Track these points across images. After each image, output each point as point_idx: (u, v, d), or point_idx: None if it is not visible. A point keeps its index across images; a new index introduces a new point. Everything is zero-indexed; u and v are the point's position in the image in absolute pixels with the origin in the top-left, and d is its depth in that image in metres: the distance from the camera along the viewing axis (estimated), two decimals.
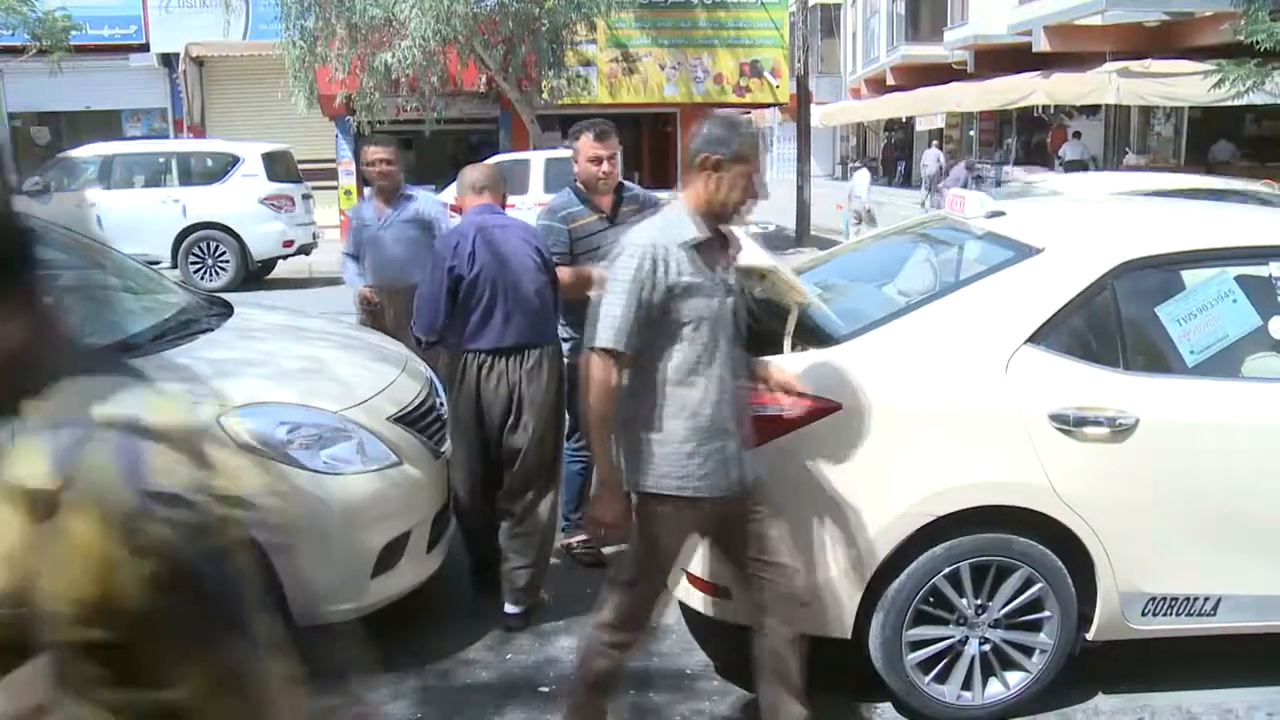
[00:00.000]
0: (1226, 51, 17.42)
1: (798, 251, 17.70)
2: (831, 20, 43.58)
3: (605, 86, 19.79)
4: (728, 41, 20.27)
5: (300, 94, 17.30)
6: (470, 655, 4.34)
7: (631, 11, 19.12)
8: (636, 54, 19.88)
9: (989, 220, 4.38)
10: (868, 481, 3.62)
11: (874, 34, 37.18)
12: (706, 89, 20.40)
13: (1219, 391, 3.85)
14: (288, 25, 16.78)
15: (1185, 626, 3.90)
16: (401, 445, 4.20)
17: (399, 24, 15.86)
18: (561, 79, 17.90)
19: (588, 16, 17.32)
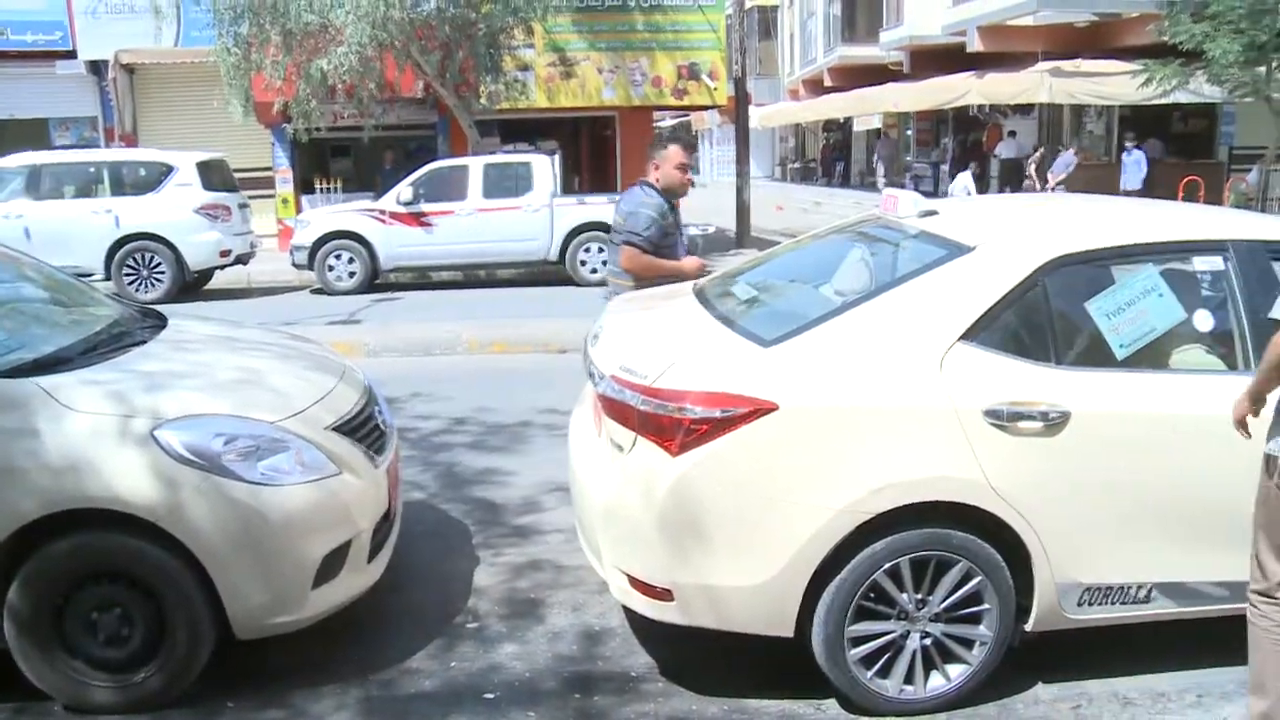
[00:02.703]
0: (1153, 52, 17.81)
1: (738, 253, 17.81)
2: (769, 22, 43.80)
3: (543, 90, 19.75)
4: (665, 44, 20.31)
5: (235, 102, 17.14)
6: (414, 664, 4.31)
7: (568, 15, 19.13)
8: (574, 58, 19.86)
9: (922, 219, 4.43)
10: (806, 481, 3.65)
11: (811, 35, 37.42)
12: (645, 92, 20.43)
13: (1148, 383, 3.92)
14: (221, 32, 16.58)
15: (1120, 615, 3.98)
16: (341, 454, 4.16)
17: (335, 30, 15.75)
18: (499, 84, 17.85)
19: (524, 21, 17.31)
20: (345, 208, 16.48)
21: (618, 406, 3.87)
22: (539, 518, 5.85)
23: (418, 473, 6.57)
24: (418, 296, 15.31)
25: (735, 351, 3.87)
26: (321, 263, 15.45)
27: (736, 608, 3.75)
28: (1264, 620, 3.53)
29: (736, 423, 3.60)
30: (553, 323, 11.24)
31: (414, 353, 10.67)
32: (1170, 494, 3.88)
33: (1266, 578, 3.52)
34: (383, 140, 19.12)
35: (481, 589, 5.00)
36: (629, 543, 3.86)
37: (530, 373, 9.51)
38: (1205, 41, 16.11)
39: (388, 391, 7.63)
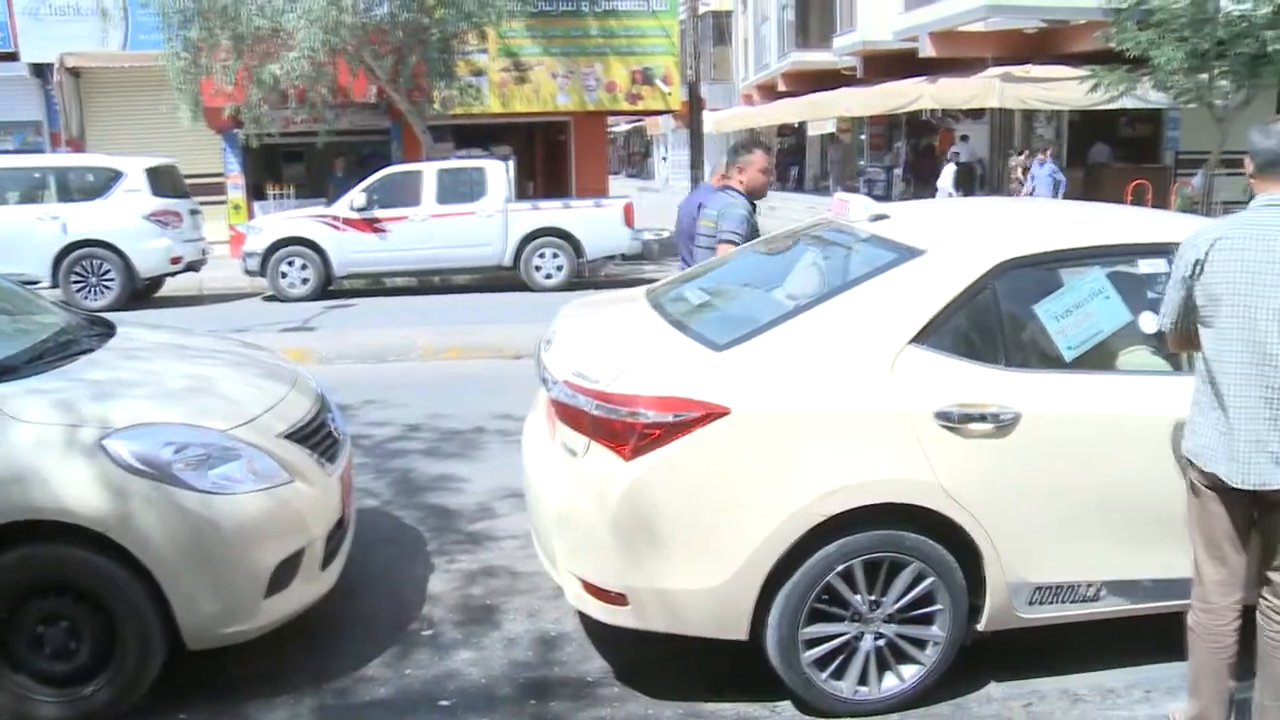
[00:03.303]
0: (1100, 58, 18.07)
1: None
2: (723, 27, 43.92)
3: (497, 96, 19.72)
4: (619, 50, 20.35)
5: (185, 107, 16.91)
6: (368, 672, 4.29)
7: (522, 20, 19.09)
8: (528, 63, 19.86)
9: (873, 223, 4.47)
10: (759, 484, 3.66)
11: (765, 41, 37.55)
12: (599, 97, 20.46)
13: (1095, 385, 3.98)
14: (169, 36, 16.38)
15: (1071, 613, 4.02)
16: (293, 462, 4.13)
17: (286, 35, 15.62)
18: (453, 89, 17.81)
19: (478, 26, 17.26)
20: (298, 214, 16.37)
21: (571, 411, 3.87)
22: (493, 524, 5.83)
23: (371, 480, 6.53)
24: (372, 303, 15.23)
25: (688, 356, 3.88)
26: (274, 269, 15.32)
27: (691, 611, 3.76)
28: (1199, 627, 3.60)
29: (689, 427, 3.61)
30: (507, 328, 11.22)
31: (368, 359, 10.61)
32: (1118, 493, 3.92)
33: (1201, 581, 3.59)
34: (335, 146, 18.97)
35: (436, 596, 4.98)
36: (583, 548, 3.86)
37: (485, 379, 9.49)
38: (1150, 49, 16.39)
39: (341, 398, 7.60)
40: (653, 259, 18.43)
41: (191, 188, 16.18)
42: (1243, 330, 3.32)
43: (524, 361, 8.39)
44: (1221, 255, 3.35)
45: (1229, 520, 3.48)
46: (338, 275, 15.67)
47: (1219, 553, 3.52)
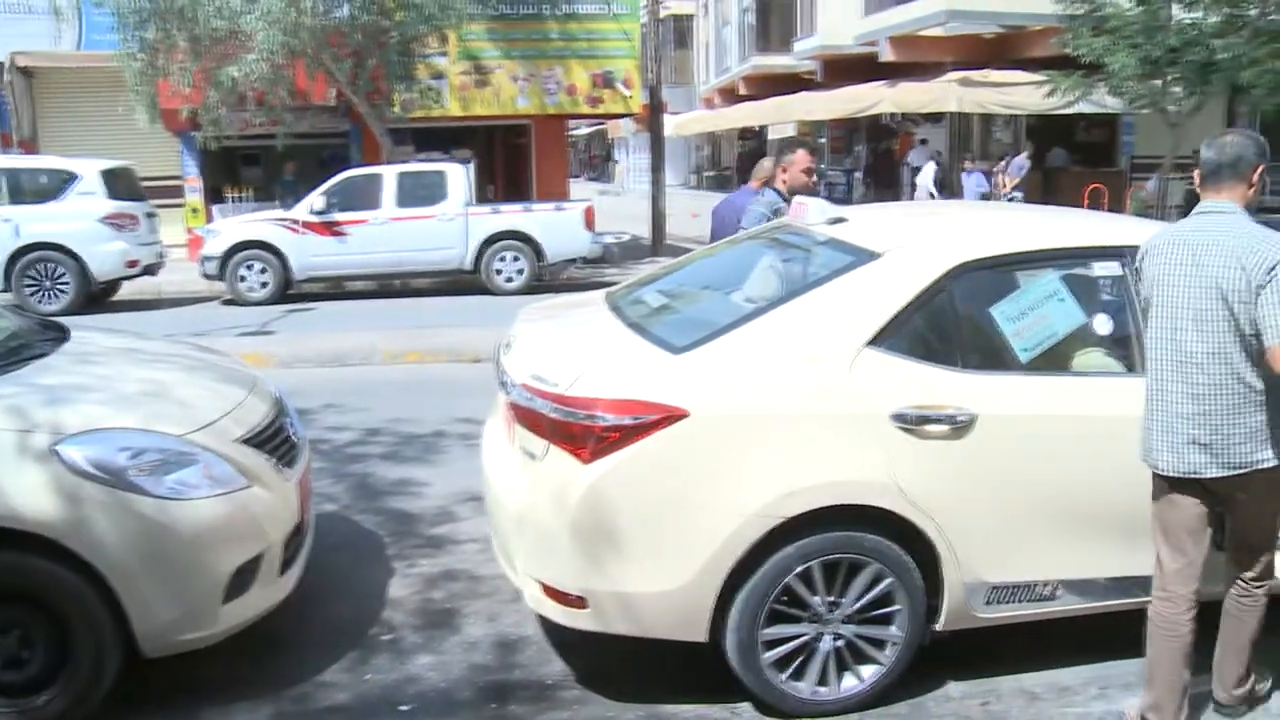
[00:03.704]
0: (1057, 63, 18.28)
1: (653, 260, 17.87)
2: (684, 31, 44.04)
3: (457, 99, 19.65)
4: (580, 53, 20.34)
5: (141, 108, 16.70)
6: (327, 678, 4.26)
7: (482, 23, 19.02)
8: (488, 66, 19.79)
9: (830, 226, 4.50)
10: (717, 486, 3.67)
11: (726, 45, 37.69)
12: (559, 100, 20.44)
13: (1050, 386, 4.03)
14: (125, 36, 16.18)
15: (1027, 612, 4.07)
16: (251, 467, 4.10)
17: (244, 36, 15.49)
18: (412, 92, 17.75)
19: (438, 29, 17.18)
20: (257, 217, 16.25)
21: (530, 415, 3.87)
22: (453, 528, 5.82)
23: (330, 484, 6.49)
24: (332, 307, 15.14)
25: (646, 359, 3.89)
26: (233, 273, 15.20)
27: (650, 613, 3.77)
28: (1157, 616, 3.68)
29: (648, 430, 3.62)
30: (468, 332, 11.19)
31: (327, 364, 10.54)
32: (1073, 493, 3.97)
33: (1161, 570, 3.70)
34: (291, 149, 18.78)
35: (396, 600, 4.96)
36: (542, 551, 3.86)
37: (445, 382, 9.46)
38: (1105, 55, 16.60)
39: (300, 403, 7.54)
40: (613, 262, 18.44)
41: (148, 190, 16.00)
42: (1166, 329, 3.60)
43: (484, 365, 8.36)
44: (1152, 259, 3.66)
45: (1187, 514, 3.64)
46: (297, 279, 15.57)
47: (1179, 544, 3.67)
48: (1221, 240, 3.49)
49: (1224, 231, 3.51)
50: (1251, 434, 3.51)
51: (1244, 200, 3.61)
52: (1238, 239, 3.47)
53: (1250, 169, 3.60)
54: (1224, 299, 3.45)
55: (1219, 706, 3.95)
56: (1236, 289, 3.42)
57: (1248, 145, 3.61)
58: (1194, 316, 3.52)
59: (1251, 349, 3.46)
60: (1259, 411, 3.51)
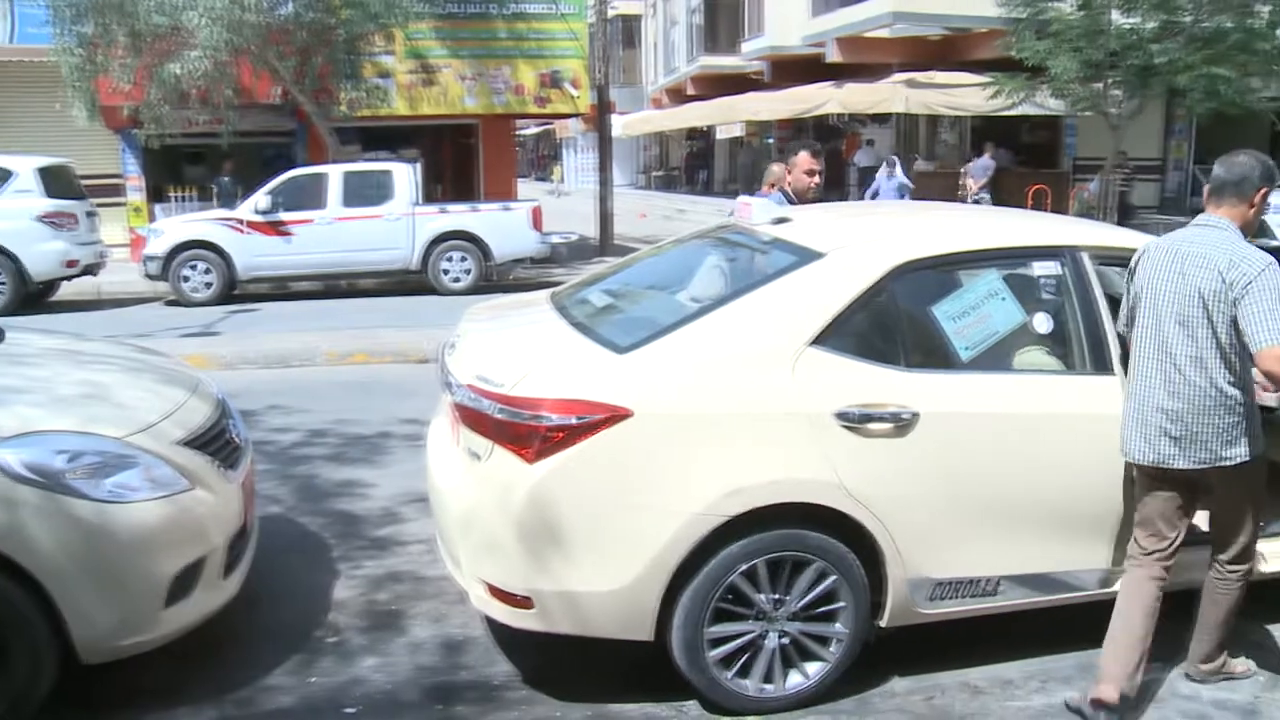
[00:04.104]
0: (1001, 65, 18.52)
1: (601, 260, 17.87)
2: (632, 31, 44.06)
3: (404, 98, 19.53)
4: (527, 52, 20.28)
5: (79, 105, 16.37)
6: (272, 681, 4.22)
7: (429, 22, 18.92)
8: (435, 65, 19.68)
9: (774, 226, 4.52)
10: (662, 485, 3.68)
11: (674, 45, 37.77)
12: (507, 100, 20.38)
13: (992, 384, 4.08)
14: (60, 31, 15.83)
15: (970, 608, 4.12)
16: (192, 469, 4.05)
17: (187, 33, 15.27)
18: (359, 90, 17.60)
19: (384, 27, 17.07)
20: (200, 216, 16.04)
21: (474, 415, 3.86)
22: (399, 529, 5.79)
23: (275, 486, 6.43)
24: (277, 307, 14.99)
25: (590, 358, 3.89)
26: (176, 273, 15.01)
27: (595, 613, 3.77)
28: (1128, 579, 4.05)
29: (592, 429, 3.62)
30: (414, 332, 11.15)
31: (272, 364, 10.44)
32: (1014, 490, 4.03)
33: (1140, 548, 4.01)
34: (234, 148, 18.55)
35: (341, 602, 4.92)
36: (487, 551, 3.85)
37: (391, 383, 9.41)
38: (1048, 58, 16.85)
39: (244, 404, 7.48)
40: (561, 262, 18.43)
41: (88, 189, 15.73)
42: (1152, 329, 3.88)
43: (431, 365, 8.34)
44: (1144, 263, 3.96)
45: (1166, 505, 3.96)
46: (242, 279, 15.41)
47: (1155, 530, 3.99)
48: (1208, 253, 3.75)
49: (1212, 245, 3.77)
50: (1219, 433, 3.79)
51: (1242, 219, 3.86)
52: (1222, 253, 3.72)
53: (1253, 190, 3.85)
54: (1205, 307, 3.73)
55: (1189, 676, 4.19)
56: (1217, 298, 3.69)
57: (1255, 168, 3.86)
58: (1178, 320, 3.79)
59: (1228, 356, 3.74)
60: (1229, 414, 3.78)
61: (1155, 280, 3.88)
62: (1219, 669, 4.18)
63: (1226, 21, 16.53)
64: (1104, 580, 4.24)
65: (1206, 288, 3.71)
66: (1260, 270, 3.63)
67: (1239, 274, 3.64)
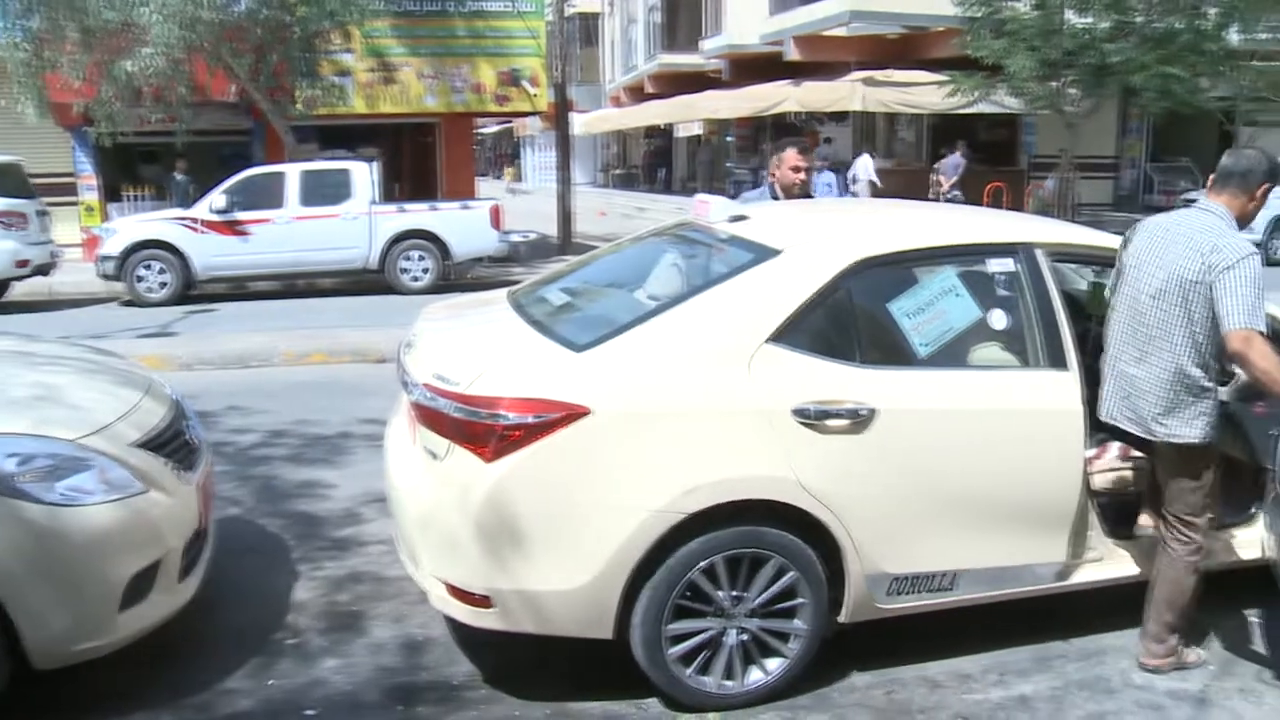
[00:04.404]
0: (958, 64, 18.69)
1: (561, 259, 17.85)
2: (591, 29, 43.99)
3: (362, 96, 19.43)
4: (486, 51, 20.24)
5: (27, 101, 16.12)
6: (230, 685, 4.18)
7: (387, 20, 18.83)
8: (394, 63, 19.61)
9: (732, 224, 4.53)
10: (620, 483, 3.68)
11: (633, 43, 37.75)
12: (466, 98, 20.33)
13: (948, 380, 4.12)
14: (7, 25, 15.60)
15: (928, 602, 4.15)
16: (148, 471, 4.01)
17: (139, 29, 15.10)
18: (316, 89, 17.48)
19: (341, 24, 16.98)
20: (155, 216, 15.89)
21: (432, 414, 3.85)
22: (359, 529, 5.76)
23: (233, 488, 6.38)
24: (235, 307, 14.87)
25: (548, 357, 3.89)
26: (131, 273, 14.86)
27: (555, 612, 3.77)
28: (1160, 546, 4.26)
29: (550, 428, 3.62)
30: (373, 332, 11.08)
31: (230, 365, 10.36)
32: (970, 485, 4.07)
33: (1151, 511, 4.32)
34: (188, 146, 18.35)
35: (301, 604, 4.89)
36: (446, 551, 3.83)
37: (350, 383, 9.36)
38: (1004, 57, 17.04)
39: (202, 405, 7.43)
40: (521, 261, 18.40)
41: (39, 188, 15.54)
42: (1130, 300, 4.11)
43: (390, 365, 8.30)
44: (1136, 236, 4.18)
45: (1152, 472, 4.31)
46: (199, 279, 15.28)
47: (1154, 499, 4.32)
48: (1195, 235, 3.92)
49: (1201, 228, 3.94)
50: (1171, 409, 4.00)
51: (1240, 210, 4.02)
52: (1208, 237, 3.88)
53: (1257, 184, 4.00)
54: (1180, 285, 3.91)
55: (1142, 666, 4.27)
56: (1193, 279, 3.87)
57: (1262, 162, 4.02)
58: (1154, 294, 4.01)
59: (1195, 337, 3.93)
60: (1186, 393, 3.97)
61: (1141, 254, 4.09)
62: (1170, 654, 4.24)
63: (1177, 23, 16.79)
64: (1061, 574, 4.29)
65: (1186, 268, 3.88)
66: (1241, 257, 3.78)
67: (1220, 258, 3.79)
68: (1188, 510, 4.11)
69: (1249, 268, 3.77)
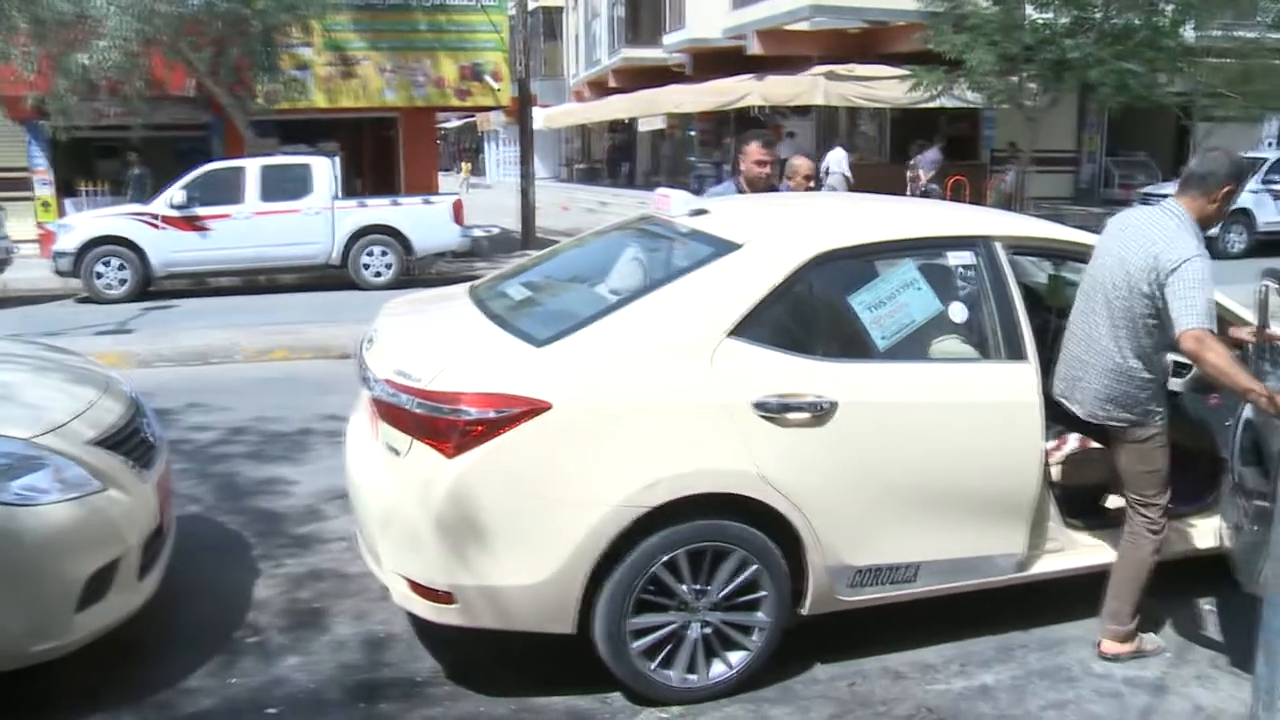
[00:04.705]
0: (919, 58, 18.80)
1: (523, 253, 17.80)
2: (554, 23, 43.94)
3: (323, 91, 19.28)
4: (448, 45, 20.14)
5: None
6: (191, 684, 4.15)
7: (347, 13, 18.71)
8: (354, 57, 19.47)
9: (692, 218, 4.54)
10: (582, 478, 3.68)
11: (596, 37, 37.73)
12: (427, 93, 20.22)
13: (909, 373, 4.14)
14: None
15: (890, 594, 4.17)
16: (105, 470, 3.97)
17: (94, 21, 14.89)
18: (276, 83, 17.33)
19: (302, 18, 16.85)
20: (113, 211, 15.70)
21: (393, 410, 3.83)
22: (320, 526, 5.73)
23: (193, 485, 6.33)
24: (195, 303, 14.74)
25: (509, 352, 3.87)
26: (88, 269, 14.68)
27: (518, 607, 3.76)
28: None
29: (511, 423, 3.61)
30: (335, 328, 11.01)
31: (190, 362, 10.27)
32: (931, 477, 4.10)
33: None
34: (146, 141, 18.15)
35: (262, 602, 4.86)
36: (408, 547, 3.82)
37: (311, 379, 9.30)
38: (965, 51, 17.16)
39: (161, 403, 7.36)
40: (483, 255, 18.34)
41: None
42: (1089, 286, 4.22)
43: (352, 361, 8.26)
44: (1106, 227, 4.30)
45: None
46: (158, 275, 15.13)
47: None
48: (1149, 233, 3.98)
49: (1155, 226, 4.00)
50: (1110, 398, 4.12)
51: (1199, 212, 4.06)
52: (1160, 235, 3.94)
53: (1216, 186, 4.03)
54: (1126, 279, 4.00)
55: (1101, 655, 4.33)
56: (1138, 275, 3.95)
57: (1223, 164, 4.06)
58: (1103, 285, 4.12)
59: (1137, 330, 4.03)
60: (1128, 383, 4.07)
61: (1102, 245, 4.23)
62: (1130, 637, 4.29)
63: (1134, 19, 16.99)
64: (1021, 564, 4.33)
65: (1134, 264, 3.96)
66: (1186, 259, 3.83)
67: (1168, 260, 3.85)
68: (1146, 492, 4.19)
69: (1195, 269, 3.81)
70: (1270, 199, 18.67)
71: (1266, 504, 3.75)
